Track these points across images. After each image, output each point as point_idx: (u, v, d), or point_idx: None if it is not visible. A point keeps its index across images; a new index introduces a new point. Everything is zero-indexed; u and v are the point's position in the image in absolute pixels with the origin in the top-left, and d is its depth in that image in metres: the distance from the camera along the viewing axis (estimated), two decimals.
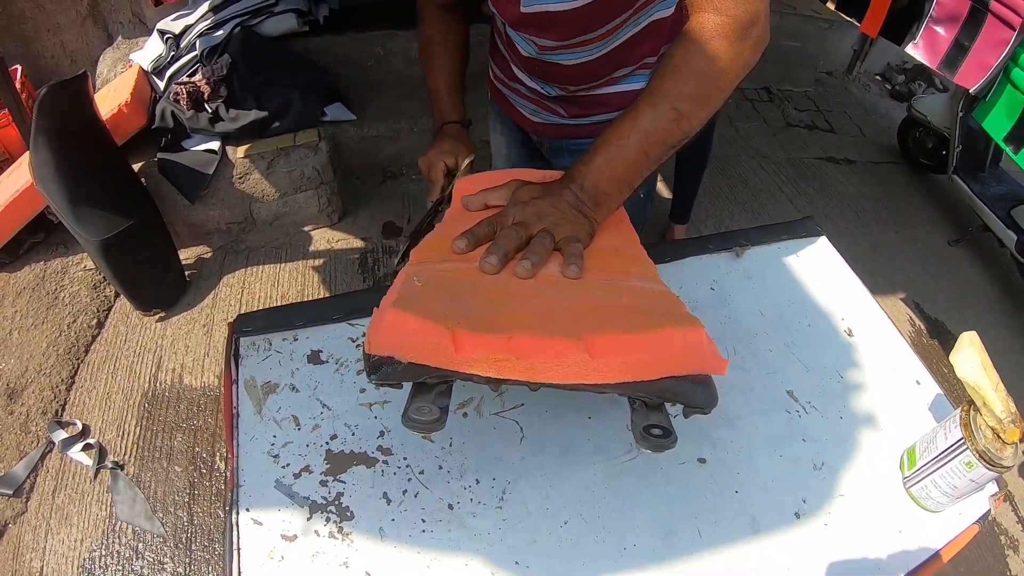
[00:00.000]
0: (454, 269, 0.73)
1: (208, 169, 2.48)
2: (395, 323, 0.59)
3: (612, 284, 0.74)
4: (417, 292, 0.65)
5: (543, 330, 0.60)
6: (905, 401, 0.97)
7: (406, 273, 0.70)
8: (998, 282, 3.19)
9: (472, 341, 0.58)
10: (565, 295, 0.70)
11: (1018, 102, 2.49)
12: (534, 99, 1.24)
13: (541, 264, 0.74)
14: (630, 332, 0.61)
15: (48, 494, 1.87)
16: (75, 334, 2.27)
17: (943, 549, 0.82)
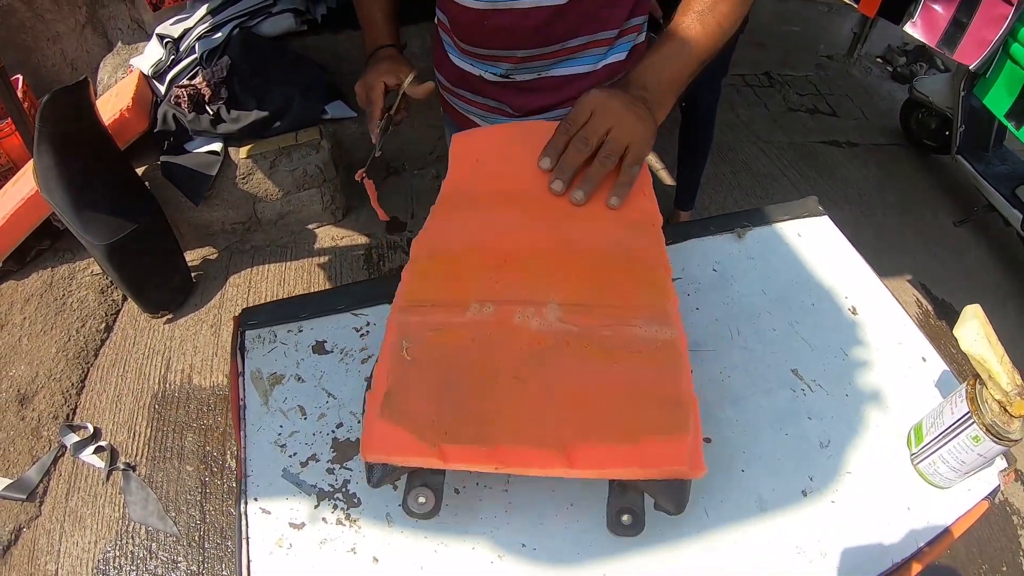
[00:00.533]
0: (446, 333, 0.72)
1: (211, 171, 2.49)
2: (385, 436, 0.63)
3: (612, 342, 0.72)
4: (406, 380, 0.67)
5: (528, 439, 0.64)
6: (911, 378, 0.96)
7: (398, 331, 0.72)
8: (1004, 261, 3.17)
9: (459, 454, 0.63)
10: (558, 374, 0.69)
11: (1018, 78, 2.47)
12: (480, 104, 1.21)
13: (593, 192, 0.83)
14: (612, 442, 0.64)
15: (61, 497, 1.89)
16: (84, 338, 2.29)
17: (953, 525, 0.81)
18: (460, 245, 0.81)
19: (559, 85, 1.13)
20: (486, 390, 0.67)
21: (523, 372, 0.69)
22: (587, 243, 0.81)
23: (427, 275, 0.78)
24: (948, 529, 0.81)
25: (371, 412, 0.66)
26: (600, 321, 0.74)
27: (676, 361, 0.70)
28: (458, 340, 0.71)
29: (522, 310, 0.74)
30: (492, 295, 0.75)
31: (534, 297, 0.76)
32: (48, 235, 2.48)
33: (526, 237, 0.81)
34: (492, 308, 0.74)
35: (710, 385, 0.90)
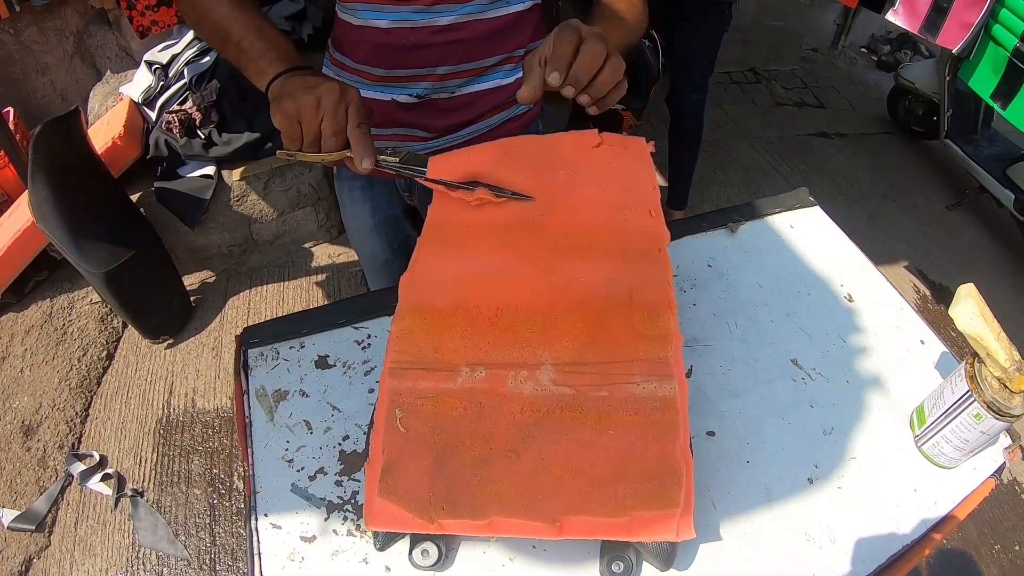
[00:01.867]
0: (439, 401, 0.71)
1: (205, 194, 2.49)
2: (384, 511, 0.66)
3: (607, 404, 0.71)
4: (401, 456, 0.68)
5: (520, 512, 0.65)
6: (911, 361, 0.97)
7: (390, 399, 0.71)
8: (999, 242, 3.19)
9: (454, 525, 0.65)
10: (550, 446, 0.69)
11: (1001, 58, 2.50)
12: (388, 136, 1.13)
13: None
14: (602, 516, 0.65)
15: (70, 526, 1.89)
16: (86, 367, 2.29)
17: (960, 505, 0.82)
18: (448, 299, 0.78)
19: (473, 101, 1.11)
20: (480, 463, 0.67)
21: (516, 445, 0.68)
22: (584, 286, 0.78)
23: (415, 335, 0.75)
24: (956, 508, 0.81)
25: (371, 485, 0.67)
26: (596, 380, 0.72)
27: (672, 423, 0.69)
28: (450, 409, 0.71)
29: (515, 374, 0.73)
30: (483, 358, 0.74)
31: (527, 358, 0.74)
32: (46, 265, 2.49)
33: (518, 285, 0.79)
34: (484, 372, 0.73)
35: (711, 379, 0.90)
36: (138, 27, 2.52)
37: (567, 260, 0.80)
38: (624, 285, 0.78)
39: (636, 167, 0.89)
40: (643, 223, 0.84)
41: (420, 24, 1.00)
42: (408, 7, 0.99)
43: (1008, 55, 2.46)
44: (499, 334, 0.75)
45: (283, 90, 0.84)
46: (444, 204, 0.86)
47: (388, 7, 1.00)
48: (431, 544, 0.70)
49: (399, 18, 1.00)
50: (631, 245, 0.82)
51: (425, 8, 0.99)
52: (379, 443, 0.68)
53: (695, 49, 2.50)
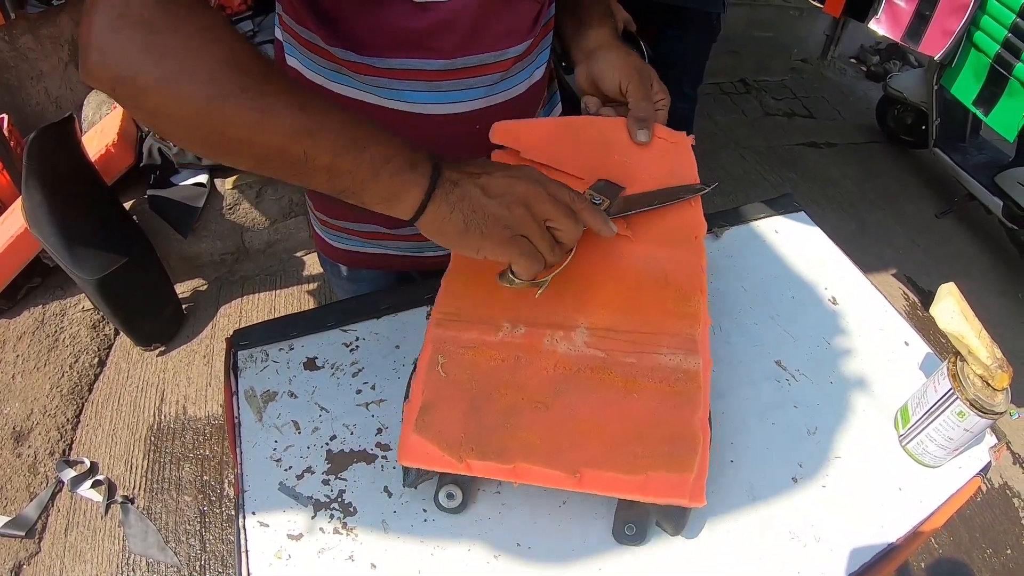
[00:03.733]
0: (479, 352, 0.76)
1: (198, 202, 2.50)
2: (418, 447, 0.70)
3: (634, 370, 0.75)
4: (439, 397, 0.73)
5: (545, 459, 0.69)
6: (895, 362, 0.98)
7: (434, 346, 0.76)
8: (988, 249, 3.22)
9: (481, 467, 0.69)
10: (578, 402, 0.73)
11: (983, 65, 2.53)
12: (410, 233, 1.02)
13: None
14: (620, 472, 0.68)
15: (60, 533, 1.88)
16: (77, 374, 2.28)
17: (946, 503, 0.83)
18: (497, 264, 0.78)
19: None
20: (511, 411, 0.72)
21: (546, 398, 0.73)
22: (623, 260, 0.83)
23: (464, 291, 0.81)
24: (941, 506, 0.82)
25: (407, 423, 0.71)
26: (626, 347, 0.77)
27: (694, 395, 0.74)
28: (489, 360, 0.76)
29: (551, 333, 0.77)
30: (523, 316, 0.78)
31: (564, 321, 0.78)
32: (38, 272, 2.48)
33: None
34: (523, 330, 0.78)
35: None
36: None
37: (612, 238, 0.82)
38: (660, 267, 0.83)
39: (681, 157, 0.93)
40: (684, 211, 0.88)
41: (479, 106, 0.90)
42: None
43: (990, 61, 2.50)
44: (542, 297, 0.79)
45: (469, 215, 0.65)
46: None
47: (436, 83, 0.85)
48: (456, 487, 0.73)
49: (452, 99, 0.88)
50: (670, 230, 0.87)
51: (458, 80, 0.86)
52: (420, 385, 0.73)
53: (683, 59, 2.53)
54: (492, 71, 0.87)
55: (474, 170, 0.67)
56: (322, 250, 1.18)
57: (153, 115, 0.59)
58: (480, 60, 0.85)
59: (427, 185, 0.64)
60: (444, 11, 0.77)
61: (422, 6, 0.77)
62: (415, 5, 0.77)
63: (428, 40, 0.79)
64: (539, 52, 0.95)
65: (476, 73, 0.86)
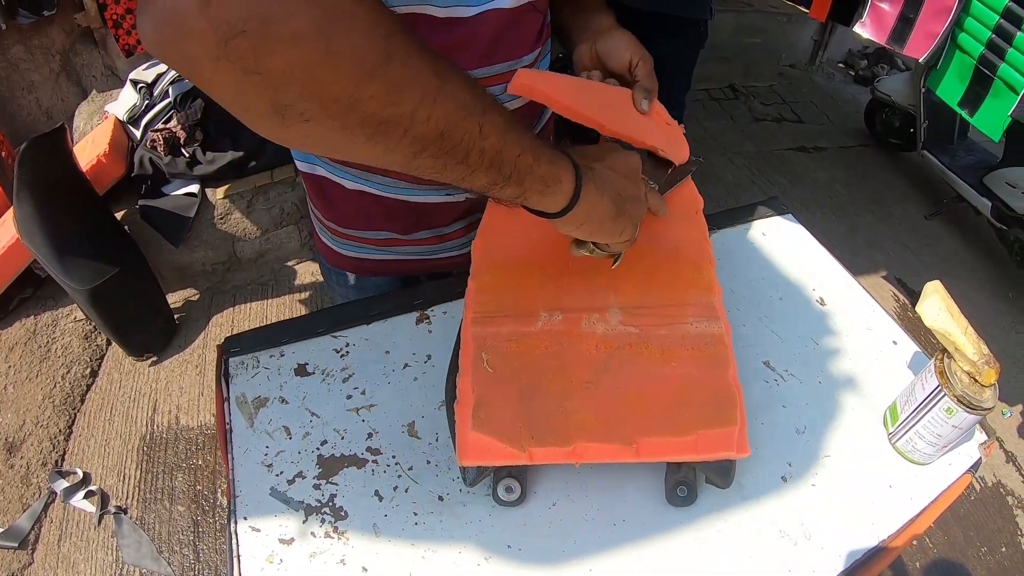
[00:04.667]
0: (522, 343, 0.79)
1: (189, 212, 2.50)
2: (479, 444, 0.71)
3: (668, 341, 0.80)
4: (490, 392, 0.75)
5: (601, 435, 0.72)
6: (883, 361, 0.99)
7: (475, 344, 0.78)
8: (978, 250, 3.24)
9: (543, 454, 0.71)
10: (623, 377, 0.77)
11: (967, 66, 2.56)
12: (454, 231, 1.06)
13: None
14: (672, 436, 0.73)
15: (53, 544, 1.87)
16: (70, 384, 2.28)
17: (937, 500, 0.83)
18: (521, 258, 0.88)
19: None
20: (562, 395, 0.75)
21: (593, 377, 0.77)
22: (640, 243, 0.86)
23: (495, 288, 0.84)
24: (932, 503, 0.83)
25: (463, 422, 0.73)
26: (657, 321, 0.82)
27: (724, 355, 0.80)
28: (533, 349, 0.79)
29: (588, 317, 0.82)
30: (558, 304, 0.83)
31: (597, 303, 0.84)
32: (30, 283, 2.48)
33: None
34: (560, 316, 0.82)
35: None
36: (124, 46, 2.54)
37: None
38: (671, 243, 0.90)
39: (675, 135, 0.97)
40: (683, 188, 0.96)
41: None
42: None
43: (974, 63, 2.52)
44: (573, 282, 0.86)
45: (616, 198, 0.69)
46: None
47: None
48: (514, 480, 0.74)
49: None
50: (674, 207, 0.93)
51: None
52: (468, 384, 0.75)
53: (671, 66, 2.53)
54: (504, 81, 0.89)
55: (592, 153, 0.73)
56: (328, 259, 1.17)
57: (277, 86, 0.42)
58: (495, 71, 0.88)
59: (574, 171, 0.63)
60: (467, 27, 0.80)
61: (446, 22, 0.78)
62: (441, 21, 0.78)
63: (451, 54, 0.78)
64: (542, 59, 0.98)
65: (490, 83, 0.88)
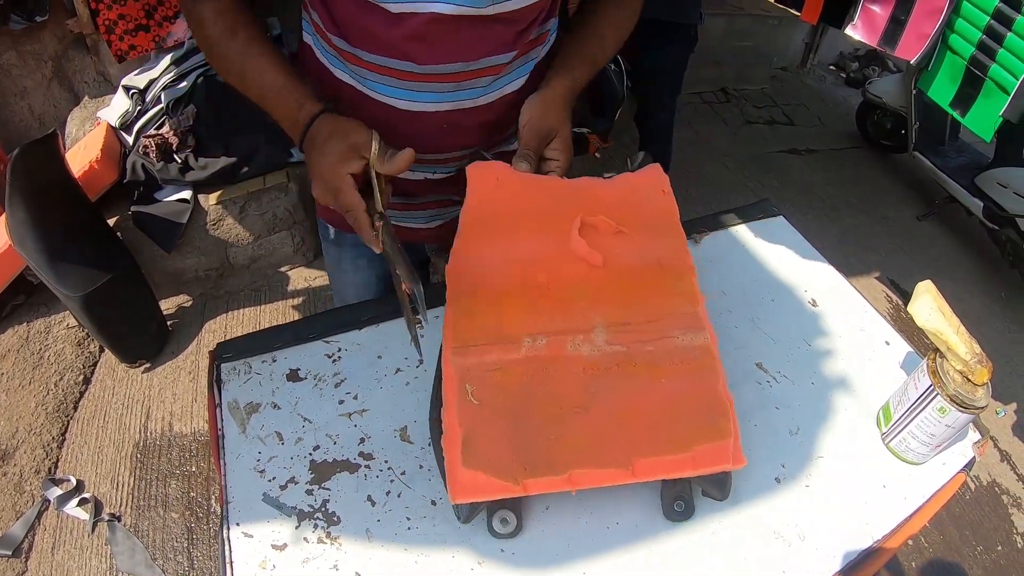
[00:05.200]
0: (507, 372, 0.77)
1: (182, 218, 2.49)
2: (470, 480, 0.69)
3: (656, 357, 0.79)
4: (478, 426, 0.72)
5: (596, 460, 0.71)
6: (876, 361, 0.99)
7: (459, 375, 0.75)
8: (970, 250, 3.25)
9: (538, 484, 0.69)
10: (614, 398, 0.76)
11: (959, 66, 2.57)
12: (424, 204, 1.10)
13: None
14: (668, 454, 0.72)
15: (47, 552, 1.86)
16: (63, 391, 2.26)
17: (931, 499, 0.84)
18: (500, 281, 0.84)
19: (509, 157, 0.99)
20: (553, 422, 0.73)
21: (583, 401, 0.75)
22: (621, 257, 0.86)
23: (473, 314, 0.81)
24: (926, 503, 0.83)
25: (452, 458, 0.70)
26: (642, 337, 0.81)
27: (712, 366, 0.79)
28: (519, 377, 0.76)
29: (572, 338, 0.80)
30: (541, 327, 0.80)
31: (581, 324, 0.81)
32: (23, 290, 2.46)
33: (565, 261, 0.85)
34: (545, 341, 0.79)
35: None
36: (116, 51, 2.53)
37: (602, 237, 0.88)
38: (653, 255, 0.88)
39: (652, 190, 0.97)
40: (658, 200, 0.94)
41: (461, 106, 0.93)
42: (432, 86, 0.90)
43: (965, 63, 2.53)
44: (554, 305, 0.82)
45: (311, 166, 0.84)
46: (478, 198, 0.90)
47: (408, 83, 0.90)
48: (509, 512, 0.72)
49: (447, 99, 0.92)
50: (651, 220, 0.91)
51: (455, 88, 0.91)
52: (454, 419, 0.72)
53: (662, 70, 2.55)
54: (463, 79, 0.90)
55: (325, 132, 0.83)
56: (317, 210, 1.23)
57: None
58: (451, 68, 0.88)
59: (299, 135, 0.85)
60: (417, 23, 0.82)
61: (397, 17, 0.82)
62: (392, 15, 0.81)
63: (403, 45, 0.85)
64: (520, 65, 0.96)
65: (446, 79, 0.89)
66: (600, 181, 0.94)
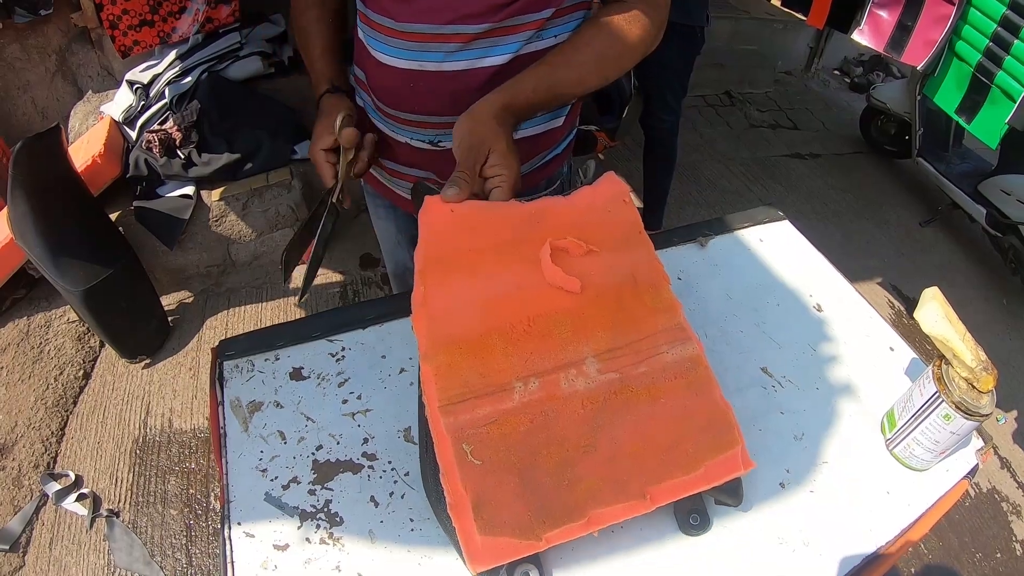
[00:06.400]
0: (503, 424, 0.72)
1: (184, 214, 2.49)
2: (490, 547, 0.65)
3: (651, 378, 0.77)
4: (485, 488, 0.68)
5: (612, 497, 0.69)
6: (880, 367, 0.99)
7: (453, 437, 0.69)
8: (972, 257, 3.25)
9: (558, 535, 0.67)
10: (618, 431, 0.73)
11: (965, 73, 2.56)
12: (406, 175, 1.14)
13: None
14: (681, 475, 0.71)
15: (45, 547, 1.86)
16: (62, 386, 2.26)
17: (934, 506, 0.83)
18: (477, 324, 0.77)
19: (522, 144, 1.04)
20: (563, 467, 0.70)
21: (589, 440, 0.72)
22: (595, 278, 0.81)
23: (454, 368, 0.73)
24: (930, 510, 0.83)
25: (465, 527, 0.66)
26: (634, 359, 0.77)
27: (706, 376, 0.78)
28: (518, 427, 0.71)
29: (565, 375, 0.75)
30: (530, 369, 0.75)
31: (570, 357, 0.76)
32: (23, 284, 2.46)
33: (540, 293, 0.80)
34: (537, 383, 0.74)
35: None
36: (120, 47, 2.52)
37: (573, 260, 0.83)
38: (625, 270, 0.83)
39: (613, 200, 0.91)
40: (620, 211, 0.88)
41: (427, 68, 0.97)
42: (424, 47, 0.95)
43: (971, 70, 2.53)
44: (539, 342, 0.77)
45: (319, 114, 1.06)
46: (433, 235, 0.82)
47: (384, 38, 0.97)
48: (531, 565, 0.69)
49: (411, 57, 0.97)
50: (618, 233, 0.86)
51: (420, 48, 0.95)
52: (458, 484, 0.67)
53: (667, 72, 2.55)
54: (427, 40, 0.94)
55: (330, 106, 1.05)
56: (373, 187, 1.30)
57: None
58: (419, 29, 0.93)
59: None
60: None
61: None
62: None
63: (388, 2, 0.94)
64: (496, 44, 0.96)
65: (412, 38, 0.95)
66: (559, 200, 0.88)
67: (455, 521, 0.66)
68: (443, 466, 0.69)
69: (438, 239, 0.81)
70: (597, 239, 0.84)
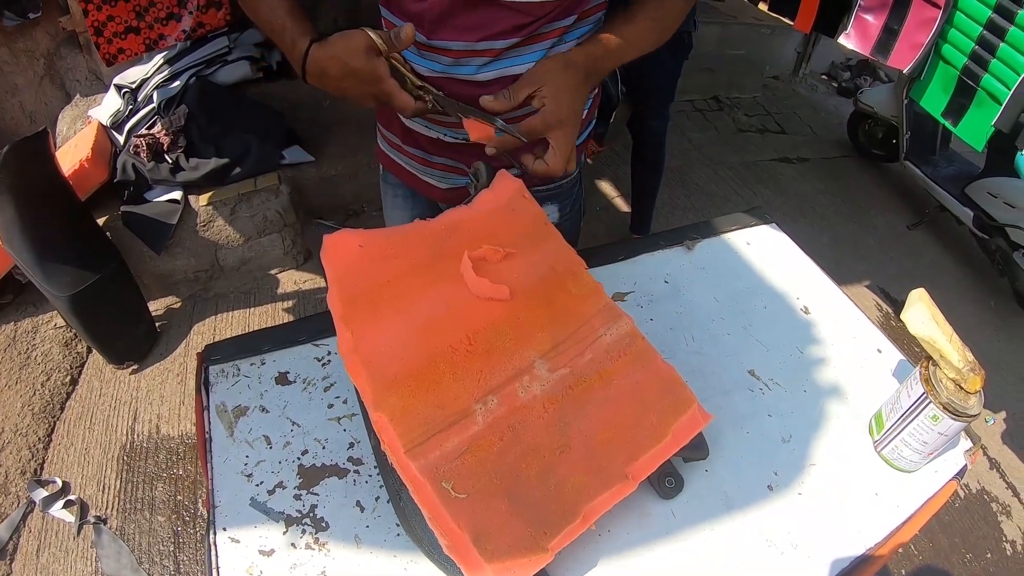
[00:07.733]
0: (475, 451, 0.70)
1: (172, 219, 2.48)
2: (503, 573, 0.64)
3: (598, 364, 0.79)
4: (478, 518, 0.66)
5: (598, 487, 0.71)
6: (868, 369, 0.99)
7: (431, 478, 0.66)
8: (960, 259, 3.27)
9: (562, 540, 0.68)
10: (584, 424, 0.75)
11: (951, 76, 2.58)
12: (438, 164, 1.15)
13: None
14: (654, 446, 0.75)
15: (32, 554, 1.84)
16: (49, 392, 2.24)
17: (923, 507, 0.84)
18: (418, 356, 0.74)
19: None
20: (545, 474, 0.71)
21: (560, 440, 0.73)
22: (518, 280, 0.82)
23: (410, 407, 0.70)
24: (918, 511, 0.83)
25: (472, 562, 0.64)
26: (578, 349, 0.79)
27: (644, 346, 0.82)
28: (490, 448, 0.70)
29: (519, 383, 0.75)
30: (485, 387, 0.73)
31: (519, 365, 0.76)
32: (11, 289, 2.44)
33: (471, 308, 0.79)
34: (495, 400, 0.73)
35: None
36: (104, 55, 2.49)
37: (494, 267, 0.83)
38: (544, 265, 0.85)
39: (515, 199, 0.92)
40: (523, 208, 0.90)
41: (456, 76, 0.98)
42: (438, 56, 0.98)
43: (957, 73, 2.55)
44: (485, 358, 0.75)
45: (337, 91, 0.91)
46: (341, 273, 0.78)
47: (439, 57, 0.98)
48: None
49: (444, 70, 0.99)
50: (526, 230, 0.88)
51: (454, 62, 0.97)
52: (450, 524, 0.65)
53: (655, 77, 2.55)
54: (461, 56, 0.96)
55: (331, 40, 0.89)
56: (377, 153, 1.31)
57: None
58: (453, 46, 0.95)
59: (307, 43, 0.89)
60: (424, 3, 0.93)
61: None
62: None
63: (417, 18, 0.94)
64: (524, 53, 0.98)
65: (446, 54, 0.97)
66: (463, 210, 0.87)
67: (458, 560, 0.65)
68: (427, 510, 0.66)
69: (350, 278, 0.78)
70: (510, 240, 0.85)
